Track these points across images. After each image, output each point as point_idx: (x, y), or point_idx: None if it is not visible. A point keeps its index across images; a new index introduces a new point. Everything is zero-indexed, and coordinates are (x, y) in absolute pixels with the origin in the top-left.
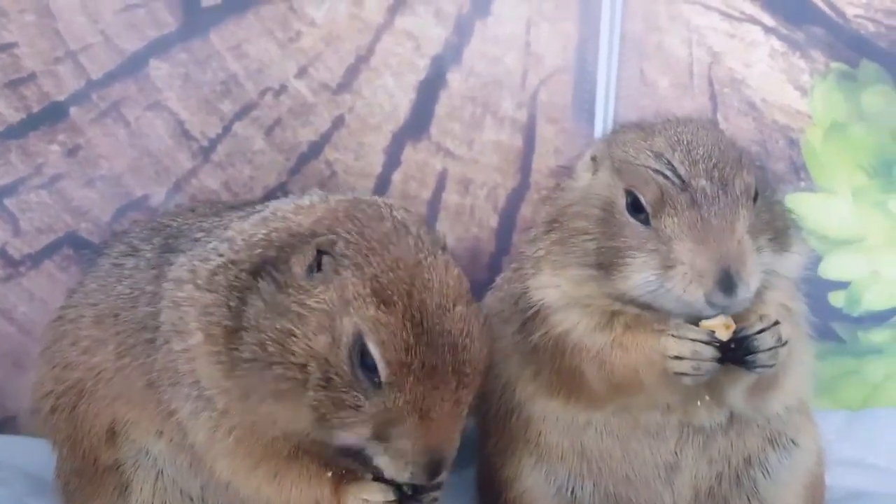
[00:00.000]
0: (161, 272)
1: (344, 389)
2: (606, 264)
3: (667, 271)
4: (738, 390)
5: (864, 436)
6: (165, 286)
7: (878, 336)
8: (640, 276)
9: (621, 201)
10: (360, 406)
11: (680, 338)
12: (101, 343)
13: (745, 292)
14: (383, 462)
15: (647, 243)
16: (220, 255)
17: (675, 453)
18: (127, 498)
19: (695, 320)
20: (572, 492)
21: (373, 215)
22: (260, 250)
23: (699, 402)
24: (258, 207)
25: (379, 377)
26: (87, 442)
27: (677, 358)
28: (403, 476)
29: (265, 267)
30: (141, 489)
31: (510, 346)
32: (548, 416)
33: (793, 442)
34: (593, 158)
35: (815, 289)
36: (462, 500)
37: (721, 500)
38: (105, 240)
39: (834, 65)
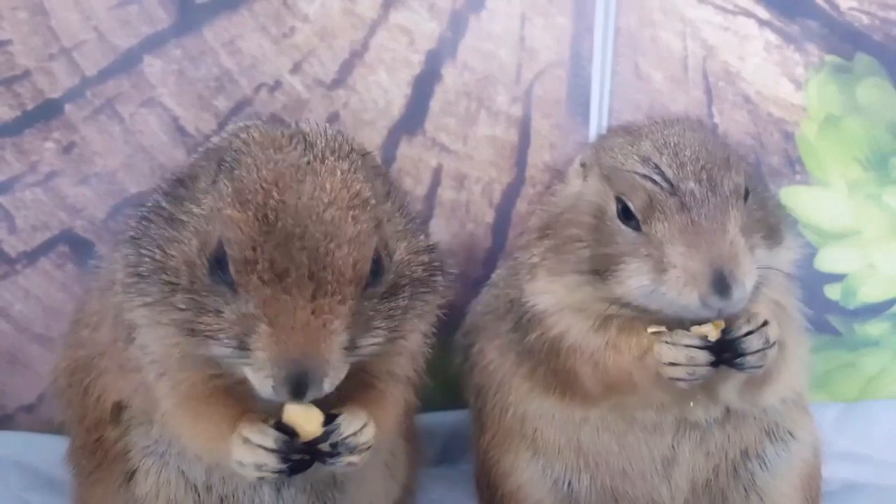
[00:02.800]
0: None
1: (204, 294)
2: (601, 270)
3: (660, 275)
4: (730, 388)
5: (859, 428)
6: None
7: (873, 329)
8: (634, 281)
9: (612, 208)
10: (220, 312)
11: (674, 344)
12: (104, 316)
13: (740, 293)
14: (250, 376)
15: (639, 248)
16: (156, 190)
17: (672, 447)
18: (131, 487)
19: (687, 323)
20: (569, 485)
21: (271, 125)
22: (177, 172)
23: (692, 404)
24: None
25: (232, 279)
26: (92, 416)
27: (672, 364)
28: (266, 390)
29: (176, 186)
30: (146, 479)
31: (505, 343)
32: (544, 412)
33: (790, 434)
34: (583, 165)
35: (811, 282)
36: (460, 494)
37: (718, 493)
38: None
39: (828, 58)
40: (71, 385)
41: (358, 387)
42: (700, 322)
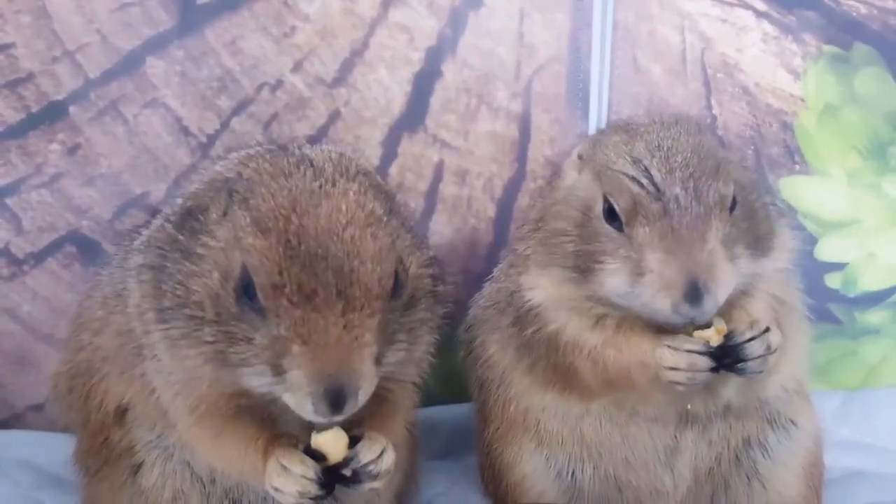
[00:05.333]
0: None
1: (233, 323)
2: (583, 267)
3: (637, 279)
4: (730, 388)
5: (860, 416)
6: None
7: (874, 317)
8: (611, 282)
9: (599, 206)
10: (251, 339)
11: (676, 349)
12: (107, 323)
13: (711, 303)
14: (287, 399)
15: (619, 250)
16: (167, 220)
17: (675, 437)
18: (137, 480)
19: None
20: (572, 475)
21: (277, 153)
22: (186, 203)
23: (689, 406)
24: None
25: (260, 305)
26: (95, 420)
27: (672, 369)
28: (306, 408)
29: (187, 218)
30: (152, 471)
31: (505, 337)
32: (546, 406)
33: (792, 422)
34: (580, 157)
35: (812, 271)
36: (464, 488)
37: (721, 481)
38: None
39: (826, 48)
40: (72, 389)
41: (371, 397)
42: (678, 325)
